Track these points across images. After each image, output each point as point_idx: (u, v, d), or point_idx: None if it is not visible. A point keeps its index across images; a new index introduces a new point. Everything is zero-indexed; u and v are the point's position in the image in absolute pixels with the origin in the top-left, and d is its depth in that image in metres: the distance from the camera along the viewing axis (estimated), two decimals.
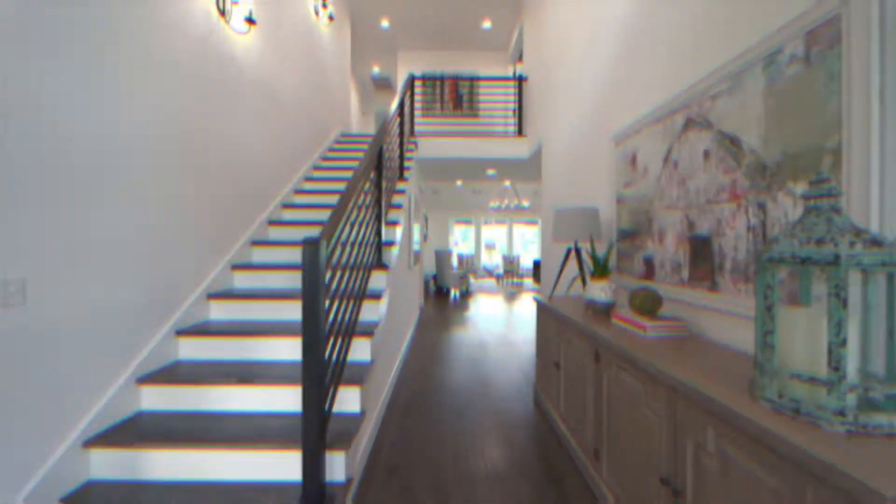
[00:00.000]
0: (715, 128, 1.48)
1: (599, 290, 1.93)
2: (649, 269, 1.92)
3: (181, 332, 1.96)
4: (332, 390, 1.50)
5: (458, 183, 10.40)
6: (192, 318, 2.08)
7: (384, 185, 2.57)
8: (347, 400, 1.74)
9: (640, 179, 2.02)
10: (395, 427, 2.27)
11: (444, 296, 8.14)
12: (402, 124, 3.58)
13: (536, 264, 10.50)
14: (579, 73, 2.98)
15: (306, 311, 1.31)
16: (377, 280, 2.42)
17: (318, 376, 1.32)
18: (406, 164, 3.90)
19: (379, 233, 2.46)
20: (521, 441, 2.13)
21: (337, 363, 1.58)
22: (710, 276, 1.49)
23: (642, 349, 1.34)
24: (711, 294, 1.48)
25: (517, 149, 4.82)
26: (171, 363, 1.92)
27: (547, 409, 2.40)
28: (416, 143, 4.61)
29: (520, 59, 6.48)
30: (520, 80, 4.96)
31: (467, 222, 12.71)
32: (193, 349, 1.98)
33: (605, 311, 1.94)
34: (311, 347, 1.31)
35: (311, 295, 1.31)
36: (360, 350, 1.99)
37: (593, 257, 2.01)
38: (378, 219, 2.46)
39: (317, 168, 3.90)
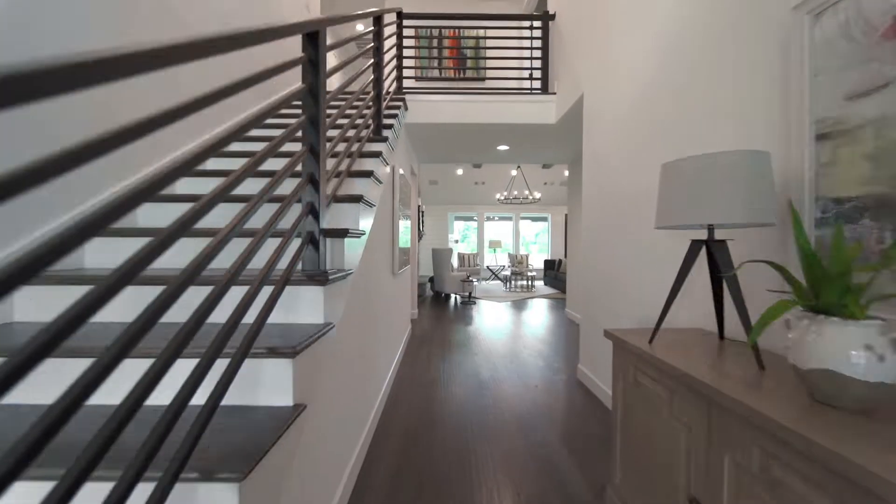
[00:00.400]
0: None
1: (859, 349, 0.72)
2: None
3: None
4: None
5: (459, 171, 9.21)
6: None
7: (324, 137, 1.34)
8: None
9: None
10: None
11: (442, 302, 6.92)
12: (380, 49, 2.36)
13: (548, 264, 9.30)
14: None
15: None
16: (305, 305, 1.20)
17: None
18: (388, 121, 2.68)
19: (314, 212, 1.24)
20: None
21: None
22: None
23: None
24: None
25: (541, 111, 3.60)
26: None
27: None
28: (403, 102, 3.38)
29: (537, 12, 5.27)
30: (545, 18, 3.73)
31: (469, 219, 11.50)
32: None
33: (863, 399, 0.73)
34: None
35: None
36: None
37: (810, 259, 0.80)
38: (314, 185, 1.24)
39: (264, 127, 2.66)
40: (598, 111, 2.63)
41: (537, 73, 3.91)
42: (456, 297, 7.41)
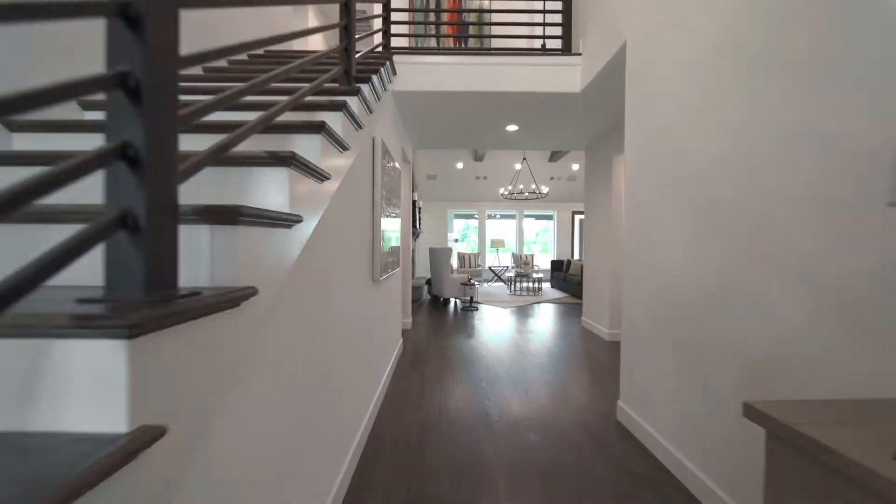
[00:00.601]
0: None
1: None
2: None
3: None
4: None
5: (459, 165, 8.51)
6: None
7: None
8: None
9: None
10: None
11: (440, 307, 6.20)
12: None
13: (555, 265, 8.60)
14: None
15: None
16: (82, 387, 0.48)
17: None
18: (365, 74, 1.97)
19: (132, 159, 0.53)
20: None
21: None
22: None
23: None
24: None
25: (563, 76, 2.89)
26: None
27: None
28: (390, 62, 2.67)
29: None
30: None
31: (469, 216, 10.78)
32: None
33: None
34: None
35: None
36: None
37: None
38: (131, 96, 0.53)
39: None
40: (652, 60, 1.93)
41: (556, 32, 3.19)
42: (456, 302, 6.70)
